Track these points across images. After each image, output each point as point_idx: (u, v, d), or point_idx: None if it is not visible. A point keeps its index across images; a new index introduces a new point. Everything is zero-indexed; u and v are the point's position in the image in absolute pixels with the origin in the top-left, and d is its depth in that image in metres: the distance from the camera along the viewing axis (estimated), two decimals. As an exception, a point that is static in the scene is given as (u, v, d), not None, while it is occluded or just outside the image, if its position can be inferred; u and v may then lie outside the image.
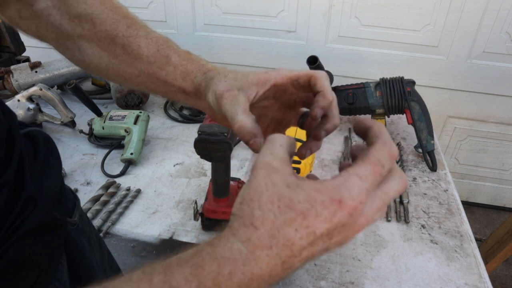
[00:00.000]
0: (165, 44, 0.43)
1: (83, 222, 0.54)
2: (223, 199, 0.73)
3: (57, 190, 0.45)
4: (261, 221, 0.26)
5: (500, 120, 1.57)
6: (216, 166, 0.68)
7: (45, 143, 0.46)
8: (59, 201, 0.45)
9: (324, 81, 0.37)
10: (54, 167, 0.46)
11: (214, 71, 0.40)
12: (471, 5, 1.33)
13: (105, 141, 1.03)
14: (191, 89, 0.41)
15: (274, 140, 0.31)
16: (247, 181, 0.29)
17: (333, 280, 0.68)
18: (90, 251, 0.54)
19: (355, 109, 1.07)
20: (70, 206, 0.52)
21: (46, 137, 0.47)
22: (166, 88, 0.43)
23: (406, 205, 0.84)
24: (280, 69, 0.38)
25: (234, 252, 0.26)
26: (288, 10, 1.48)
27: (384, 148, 0.28)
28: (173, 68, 0.41)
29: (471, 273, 0.70)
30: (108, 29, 0.43)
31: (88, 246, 0.54)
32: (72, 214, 0.51)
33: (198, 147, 0.64)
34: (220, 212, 0.73)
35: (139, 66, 0.42)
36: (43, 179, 0.42)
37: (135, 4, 1.58)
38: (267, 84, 0.37)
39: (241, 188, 0.74)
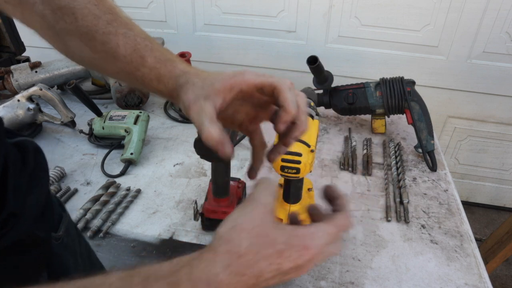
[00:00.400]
0: (142, 43, 0.42)
1: (69, 236, 0.51)
2: (223, 199, 0.73)
3: (42, 204, 0.44)
4: (247, 251, 0.30)
5: (500, 120, 1.57)
6: (216, 166, 0.69)
7: (34, 154, 0.44)
8: (43, 216, 0.43)
9: (286, 94, 0.37)
10: (42, 180, 0.44)
11: (184, 76, 0.40)
12: (471, 5, 1.33)
13: (105, 141, 1.03)
14: (166, 92, 0.41)
15: (272, 184, 0.37)
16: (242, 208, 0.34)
17: (333, 280, 0.68)
18: (75, 268, 0.51)
19: (355, 109, 1.07)
20: (56, 219, 0.49)
21: (37, 148, 0.45)
22: (145, 88, 0.43)
23: (406, 205, 0.84)
24: (246, 74, 0.38)
25: (210, 276, 0.29)
26: (288, 10, 1.48)
27: (347, 219, 0.37)
28: (148, 70, 0.41)
29: (471, 273, 0.70)
30: (89, 24, 0.42)
31: (73, 262, 0.51)
32: (58, 229, 0.49)
33: (198, 147, 0.65)
34: (220, 212, 0.73)
35: (118, 64, 0.42)
36: (28, 194, 0.40)
37: (135, 4, 1.58)
38: (233, 91, 0.38)
39: (241, 188, 0.74)
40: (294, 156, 0.60)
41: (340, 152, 1.03)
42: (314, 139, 0.63)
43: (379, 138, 1.09)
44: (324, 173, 0.95)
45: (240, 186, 0.78)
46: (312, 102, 0.73)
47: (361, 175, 0.95)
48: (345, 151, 1.02)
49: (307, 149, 0.61)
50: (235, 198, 0.75)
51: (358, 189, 0.90)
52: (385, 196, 0.88)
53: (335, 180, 0.93)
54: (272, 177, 0.38)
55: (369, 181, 0.92)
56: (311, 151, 0.61)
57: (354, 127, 1.13)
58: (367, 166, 0.96)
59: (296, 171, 0.61)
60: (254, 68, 1.63)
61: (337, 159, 1.00)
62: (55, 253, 0.47)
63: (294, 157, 0.60)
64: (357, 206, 0.85)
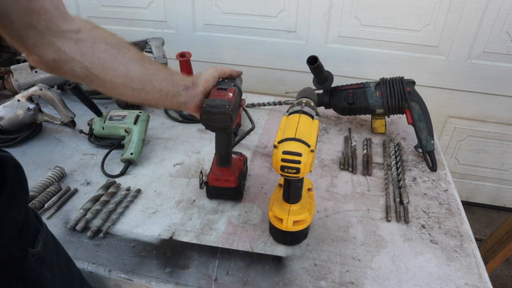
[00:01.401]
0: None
1: (47, 250, 0.51)
2: (225, 169, 0.81)
3: (20, 223, 0.43)
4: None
5: (500, 120, 1.57)
6: (219, 137, 0.76)
7: (14, 171, 0.43)
8: (20, 234, 0.43)
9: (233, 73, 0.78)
10: (21, 198, 0.44)
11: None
12: (471, 5, 1.33)
13: (105, 141, 1.03)
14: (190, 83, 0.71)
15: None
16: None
17: (333, 280, 0.68)
18: (52, 282, 0.51)
19: (355, 109, 1.07)
20: (33, 234, 0.49)
21: (17, 164, 0.45)
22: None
23: (406, 205, 0.84)
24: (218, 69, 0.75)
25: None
26: (288, 10, 1.48)
27: None
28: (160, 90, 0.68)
29: (471, 273, 0.70)
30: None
31: (51, 277, 0.51)
32: (35, 244, 0.48)
33: (204, 118, 0.70)
34: (223, 180, 0.81)
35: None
36: (6, 213, 0.40)
37: (135, 4, 1.58)
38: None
39: (242, 161, 0.86)
40: (294, 156, 0.60)
41: (340, 152, 1.03)
42: (314, 139, 0.63)
43: (379, 138, 1.09)
44: (324, 173, 0.95)
45: (242, 159, 0.87)
46: (312, 102, 0.74)
47: (361, 175, 0.95)
48: (345, 151, 1.02)
49: (307, 149, 0.61)
50: (237, 169, 0.83)
51: (358, 189, 0.90)
52: (385, 196, 0.88)
53: (335, 180, 0.93)
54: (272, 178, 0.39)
55: (369, 181, 0.92)
56: (311, 151, 0.61)
57: (354, 127, 1.13)
58: (367, 166, 0.96)
59: (296, 171, 0.61)
60: (254, 68, 1.63)
61: (337, 159, 1.00)
62: (31, 270, 0.47)
63: (294, 157, 0.60)
64: (357, 206, 0.85)
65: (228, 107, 0.69)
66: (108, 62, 0.56)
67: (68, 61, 0.52)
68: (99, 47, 0.55)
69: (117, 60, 0.57)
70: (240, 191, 0.83)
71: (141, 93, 0.62)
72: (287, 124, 0.66)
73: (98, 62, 0.55)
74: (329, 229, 0.79)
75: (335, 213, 0.83)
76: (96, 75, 0.56)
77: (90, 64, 0.54)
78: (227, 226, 0.79)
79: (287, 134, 0.63)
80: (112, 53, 0.57)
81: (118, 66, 0.58)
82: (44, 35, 0.49)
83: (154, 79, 0.63)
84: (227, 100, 0.70)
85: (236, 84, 0.77)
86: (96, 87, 0.59)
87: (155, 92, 0.64)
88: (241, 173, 0.83)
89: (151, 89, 0.63)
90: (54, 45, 0.50)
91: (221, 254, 0.73)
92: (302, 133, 0.63)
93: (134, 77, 0.60)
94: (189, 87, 0.69)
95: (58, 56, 0.51)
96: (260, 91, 1.57)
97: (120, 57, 0.58)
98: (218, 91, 0.73)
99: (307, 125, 0.66)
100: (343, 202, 0.86)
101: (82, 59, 0.53)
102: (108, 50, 0.56)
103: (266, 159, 0.99)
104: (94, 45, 0.54)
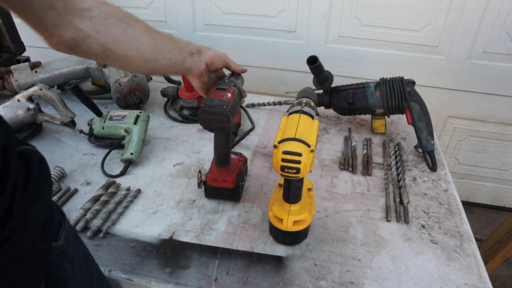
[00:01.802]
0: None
1: (68, 243, 0.52)
2: (224, 169, 0.81)
3: (45, 217, 0.43)
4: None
5: (500, 120, 1.57)
6: (218, 137, 0.76)
7: (39, 165, 0.43)
8: (44, 228, 0.43)
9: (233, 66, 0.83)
10: (45, 193, 0.43)
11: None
12: (471, 5, 1.33)
13: (105, 141, 1.03)
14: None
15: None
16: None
17: (333, 280, 0.68)
18: (73, 276, 0.52)
19: (355, 109, 1.07)
20: (56, 228, 0.49)
21: (41, 158, 0.45)
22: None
23: (406, 205, 0.84)
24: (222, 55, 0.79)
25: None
26: (288, 10, 1.48)
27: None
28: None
29: (471, 273, 0.70)
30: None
31: (71, 270, 0.52)
32: (57, 238, 0.49)
33: (201, 118, 0.71)
34: (221, 180, 0.81)
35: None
36: (32, 206, 0.40)
37: (135, 4, 1.58)
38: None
39: (242, 161, 0.85)
40: (294, 156, 0.60)
41: (340, 152, 1.03)
42: (314, 139, 0.63)
43: (379, 138, 1.09)
44: (324, 173, 0.95)
45: (241, 160, 0.86)
46: (312, 102, 0.73)
47: (361, 175, 0.95)
48: (345, 151, 1.02)
49: (307, 149, 0.61)
50: (236, 169, 0.83)
51: (358, 189, 0.90)
52: (385, 196, 0.88)
53: (335, 180, 0.93)
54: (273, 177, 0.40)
55: (369, 181, 0.92)
56: (311, 151, 0.61)
57: (354, 127, 1.13)
58: (367, 166, 0.96)
59: (296, 171, 0.61)
60: (254, 68, 1.63)
61: (337, 159, 1.00)
62: (53, 263, 0.47)
63: (294, 157, 0.60)
64: (357, 206, 0.85)
65: (226, 107, 0.69)
66: (121, 37, 0.59)
67: (85, 38, 0.55)
68: (110, 23, 0.57)
69: (127, 33, 0.60)
70: (238, 192, 0.83)
71: (153, 64, 0.65)
72: (287, 124, 0.66)
73: (112, 37, 0.58)
74: (329, 229, 0.79)
75: (335, 213, 0.83)
76: (111, 50, 0.58)
77: (105, 40, 0.57)
78: (227, 226, 0.79)
79: (287, 134, 0.62)
80: (123, 28, 0.59)
81: (129, 39, 0.60)
82: (62, 15, 0.52)
83: (163, 49, 0.65)
84: (225, 101, 0.70)
85: (236, 85, 0.77)
86: (111, 62, 0.62)
87: (165, 61, 0.66)
88: (239, 174, 0.83)
89: (162, 59, 0.65)
90: (72, 24, 0.53)
91: (221, 254, 0.73)
92: (302, 133, 0.63)
93: (146, 49, 0.62)
94: (194, 53, 0.71)
95: (77, 34, 0.54)
96: (260, 91, 1.56)
97: (130, 30, 0.60)
98: (217, 91, 0.73)
99: (307, 125, 0.66)
100: (343, 202, 0.86)
101: (98, 35, 0.56)
102: (119, 25, 0.58)
103: (266, 159, 0.99)
104: (106, 21, 0.57)
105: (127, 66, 0.63)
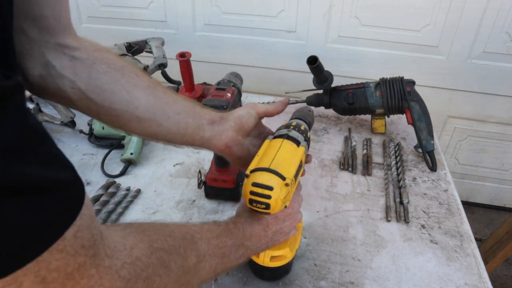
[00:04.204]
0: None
1: None
2: (224, 169, 0.81)
3: None
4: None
5: (500, 120, 1.57)
6: None
7: None
8: None
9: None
10: None
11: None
12: (471, 5, 1.33)
13: (105, 141, 1.03)
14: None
15: None
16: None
17: (333, 280, 0.68)
18: None
19: (355, 109, 1.07)
20: None
21: None
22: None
23: (406, 205, 0.84)
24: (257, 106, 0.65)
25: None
26: (288, 10, 1.48)
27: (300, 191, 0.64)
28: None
29: (471, 273, 0.70)
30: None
31: None
32: None
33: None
34: (221, 180, 0.81)
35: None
36: None
37: (135, 4, 1.58)
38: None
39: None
40: (264, 189, 0.50)
41: (340, 152, 1.03)
42: (293, 170, 0.54)
43: (379, 138, 1.09)
44: (324, 173, 0.95)
45: None
46: (304, 125, 0.63)
47: (361, 175, 0.95)
48: (345, 151, 1.02)
49: (281, 182, 0.51)
50: (236, 169, 0.83)
51: (358, 189, 0.90)
52: (385, 196, 0.88)
53: (335, 180, 0.93)
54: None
55: (369, 181, 0.92)
56: (285, 185, 0.51)
57: (354, 127, 1.13)
58: (367, 166, 0.96)
59: (265, 206, 0.51)
60: (254, 68, 1.63)
61: (337, 159, 1.00)
62: None
63: (264, 190, 0.50)
64: (357, 206, 0.85)
65: (226, 107, 0.69)
66: (107, 85, 0.49)
67: (57, 77, 0.46)
68: (98, 68, 0.48)
69: (118, 83, 0.50)
70: (238, 192, 0.83)
71: (152, 125, 0.52)
72: (267, 150, 0.56)
73: (94, 83, 0.48)
74: (329, 229, 0.79)
75: (335, 213, 0.83)
76: (91, 99, 0.48)
77: (85, 86, 0.47)
78: (227, 226, 0.79)
79: (263, 163, 0.53)
80: (114, 76, 0.50)
81: (119, 90, 0.49)
82: (34, 45, 0.44)
83: (168, 109, 0.53)
84: (225, 100, 0.70)
85: (235, 85, 0.78)
86: (95, 115, 0.51)
87: (170, 124, 0.53)
88: (239, 174, 0.83)
89: (165, 121, 0.53)
90: (44, 58, 0.45)
91: (221, 254, 0.73)
92: (279, 163, 0.53)
93: (140, 104, 0.51)
94: (215, 121, 0.57)
95: (46, 71, 0.45)
96: (260, 91, 1.56)
97: (124, 81, 0.50)
98: (217, 91, 0.73)
99: (289, 153, 0.56)
100: (343, 202, 0.86)
101: (75, 78, 0.47)
102: (110, 72, 0.49)
103: (266, 159, 0.99)
104: (93, 65, 0.48)
105: (117, 123, 0.52)
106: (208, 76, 1.27)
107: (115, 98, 0.49)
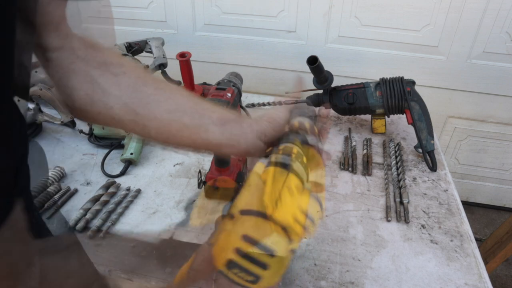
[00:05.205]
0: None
1: None
2: (223, 169, 0.81)
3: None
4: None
5: (500, 120, 1.57)
6: None
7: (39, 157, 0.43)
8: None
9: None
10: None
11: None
12: (471, 5, 1.33)
13: (105, 141, 1.03)
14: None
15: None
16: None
17: (333, 280, 0.68)
18: None
19: (355, 109, 1.07)
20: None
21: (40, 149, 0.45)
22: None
23: (406, 205, 0.84)
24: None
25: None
26: (288, 10, 1.48)
27: None
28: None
29: (471, 273, 0.70)
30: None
31: None
32: None
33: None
34: (221, 180, 0.81)
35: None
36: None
37: (135, 4, 1.58)
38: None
39: (242, 161, 0.82)
40: (261, 253, 0.36)
41: (340, 152, 1.03)
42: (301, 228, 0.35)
43: (379, 138, 1.09)
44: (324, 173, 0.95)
45: (241, 159, 0.86)
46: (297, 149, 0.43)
47: (361, 175, 0.95)
48: (345, 151, 1.02)
49: (287, 245, 0.37)
50: (235, 169, 0.83)
51: (358, 189, 0.90)
52: (385, 196, 0.88)
53: (335, 180, 0.93)
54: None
55: (369, 181, 0.92)
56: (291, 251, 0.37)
57: (354, 127, 1.13)
58: (367, 166, 0.96)
59: (254, 279, 0.37)
60: (254, 68, 1.63)
61: (337, 159, 1.00)
62: None
63: (260, 256, 0.36)
64: (357, 206, 0.85)
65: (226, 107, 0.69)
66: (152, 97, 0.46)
67: (102, 94, 0.43)
68: (139, 82, 0.46)
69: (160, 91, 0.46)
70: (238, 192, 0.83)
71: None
72: (261, 182, 0.39)
73: (140, 96, 0.45)
74: (329, 229, 0.79)
75: (335, 213, 0.83)
76: (137, 113, 0.44)
77: (129, 99, 0.44)
78: (227, 226, 0.79)
79: (256, 204, 0.35)
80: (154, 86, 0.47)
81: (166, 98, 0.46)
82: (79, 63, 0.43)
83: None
84: (225, 100, 0.70)
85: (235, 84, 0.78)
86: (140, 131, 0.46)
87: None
88: (239, 173, 0.83)
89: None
90: (88, 76, 0.42)
91: (221, 254, 0.73)
92: (289, 211, 0.35)
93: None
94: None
95: (92, 89, 0.42)
96: (260, 91, 1.56)
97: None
98: (217, 91, 0.73)
99: (298, 197, 0.37)
100: (343, 202, 0.86)
101: (120, 93, 0.43)
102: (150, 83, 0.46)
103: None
104: (137, 79, 0.45)
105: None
106: (208, 76, 1.27)
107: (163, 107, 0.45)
